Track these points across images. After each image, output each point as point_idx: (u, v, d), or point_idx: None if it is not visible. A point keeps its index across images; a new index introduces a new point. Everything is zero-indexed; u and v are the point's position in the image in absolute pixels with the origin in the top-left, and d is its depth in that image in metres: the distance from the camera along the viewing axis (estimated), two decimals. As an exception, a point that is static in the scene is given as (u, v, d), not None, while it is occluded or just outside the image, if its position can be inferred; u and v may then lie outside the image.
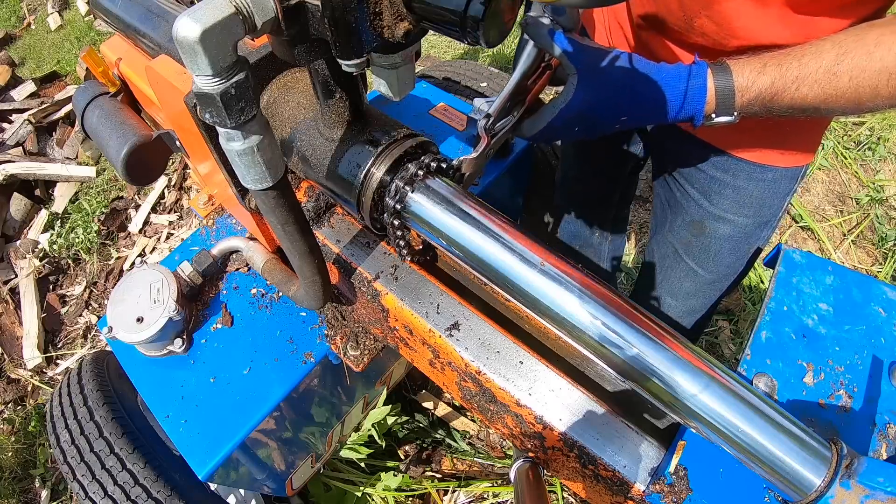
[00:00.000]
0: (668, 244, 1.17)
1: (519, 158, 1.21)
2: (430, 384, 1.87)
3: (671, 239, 1.16)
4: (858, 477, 0.52)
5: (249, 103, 0.49)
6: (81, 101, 1.00)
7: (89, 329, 2.33)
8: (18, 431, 2.05)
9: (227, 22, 0.43)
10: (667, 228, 1.17)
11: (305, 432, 1.19)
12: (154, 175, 0.98)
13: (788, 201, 1.03)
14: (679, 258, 1.15)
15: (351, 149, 0.71)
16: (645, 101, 0.73)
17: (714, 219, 1.05)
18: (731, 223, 1.04)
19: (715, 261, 1.09)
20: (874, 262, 2.23)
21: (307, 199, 0.95)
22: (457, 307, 0.81)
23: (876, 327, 0.78)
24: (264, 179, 0.55)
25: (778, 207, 1.02)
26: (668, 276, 1.20)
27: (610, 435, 0.70)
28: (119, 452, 1.08)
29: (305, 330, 1.00)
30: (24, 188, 2.72)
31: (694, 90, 0.71)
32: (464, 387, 0.83)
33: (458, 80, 1.60)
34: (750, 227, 1.03)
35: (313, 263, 0.70)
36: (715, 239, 1.07)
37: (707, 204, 1.05)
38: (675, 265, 1.17)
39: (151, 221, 2.63)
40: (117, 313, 0.93)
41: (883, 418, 0.70)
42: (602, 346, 0.61)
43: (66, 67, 3.32)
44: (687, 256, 1.13)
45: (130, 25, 0.93)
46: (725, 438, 0.57)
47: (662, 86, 0.72)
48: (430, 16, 0.47)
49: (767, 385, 0.72)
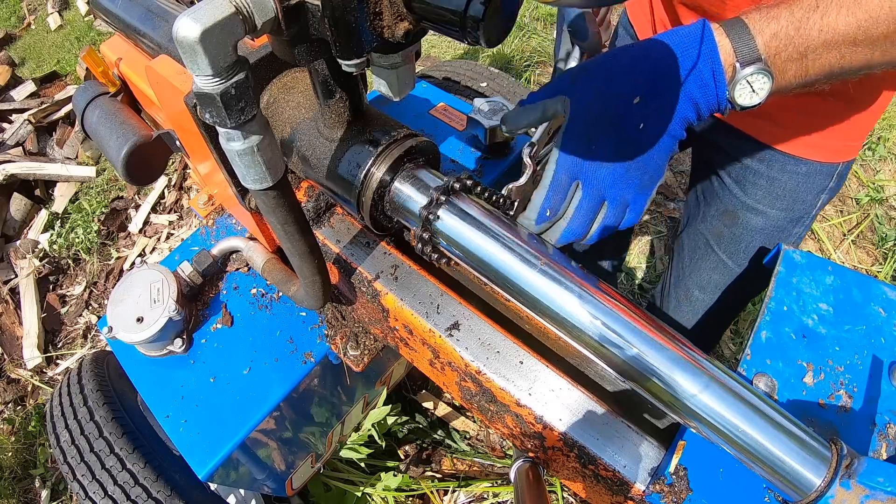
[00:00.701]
0: (700, 235, 1.18)
1: (519, 158, 1.21)
2: (430, 384, 1.87)
3: (703, 229, 1.17)
4: (858, 477, 0.52)
5: (249, 103, 0.49)
6: (81, 101, 1.00)
7: (89, 329, 2.33)
8: (18, 431, 2.05)
9: (227, 22, 0.43)
10: (699, 219, 1.18)
11: (305, 432, 1.19)
12: (154, 175, 0.98)
13: (824, 200, 1.03)
14: (710, 249, 1.16)
15: (351, 149, 0.71)
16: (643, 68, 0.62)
17: (747, 209, 1.06)
18: (763, 215, 1.04)
19: (745, 253, 1.11)
20: (874, 262, 2.23)
21: (307, 199, 0.95)
22: (457, 307, 0.81)
23: (876, 327, 0.78)
24: (264, 179, 0.55)
25: (811, 204, 1.03)
26: (698, 268, 1.21)
27: (610, 435, 0.70)
28: (119, 452, 1.08)
29: (305, 330, 1.00)
30: (24, 188, 2.72)
31: (695, 32, 0.60)
32: (464, 387, 0.83)
33: (458, 80, 1.60)
34: (782, 222, 1.04)
35: (313, 263, 0.70)
36: (747, 230, 1.08)
37: (741, 193, 1.05)
38: (705, 256, 1.18)
39: (151, 221, 2.63)
40: (117, 313, 0.93)
41: (883, 418, 0.70)
42: (602, 346, 0.61)
43: (66, 67, 3.32)
44: (718, 247, 1.14)
45: (130, 25, 0.93)
46: (725, 438, 0.57)
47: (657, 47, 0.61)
48: (430, 16, 0.47)
49: (767, 385, 0.72)
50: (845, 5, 0.57)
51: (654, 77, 0.61)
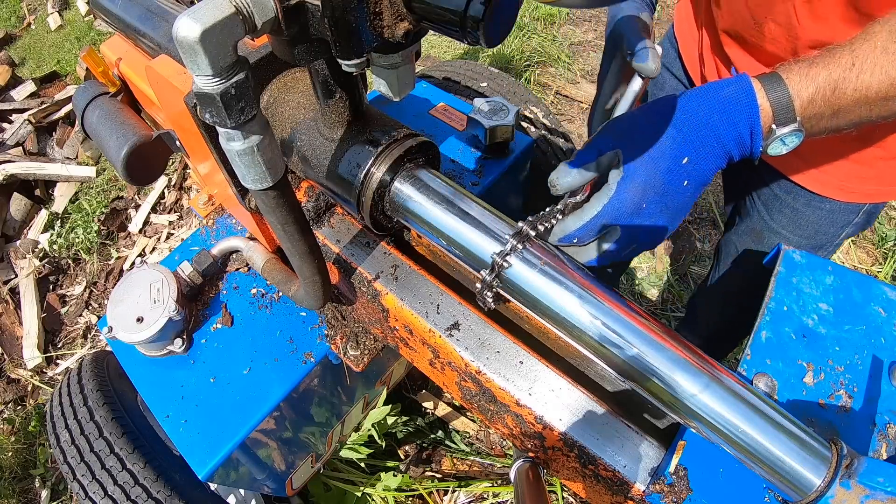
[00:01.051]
0: (732, 244, 1.24)
1: (519, 158, 1.21)
2: (430, 384, 1.87)
3: (735, 240, 1.22)
4: (858, 477, 0.52)
5: (249, 103, 0.49)
6: (81, 101, 1.00)
7: (89, 329, 2.33)
8: (18, 431, 2.05)
9: (227, 22, 0.43)
10: (732, 230, 1.24)
11: (305, 432, 1.19)
12: (154, 175, 0.98)
13: (848, 232, 1.05)
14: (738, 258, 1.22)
15: (351, 149, 0.71)
16: (691, 128, 0.63)
17: (771, 231, 1.10)
18: (786, 239, 1.08)
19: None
20: (874, 262, 2.22)
21: (307, 199, 0.95)
22: (457, 307, 0.81)
23: (876, 327, 0.78)
24: (264, 179, 0.55)
25: (834, 235, 1.05)
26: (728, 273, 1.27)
27: (610, 435, 0.70)
28: (119, 452, 1.08)
29: (305, 330, 1.00)
30: (24, 188, 2.72)
31: (739, 95, 0.62)
32: (464, 387, 0.83)
33: (458, 80, 1.60)
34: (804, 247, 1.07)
35: (313, 263, 0.70)
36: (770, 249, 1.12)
37: (767, 216, 1.09)
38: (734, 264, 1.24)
39: (151, 221, 2.63)
40: (117, 313, 0.93)
41: (883, 418, 0.70)
42: (602, 346, 0.61)
43: (66, 67, 3.32)
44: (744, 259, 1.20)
45: (130, 25, 0.93)
46: (725, 438, 0.57)
47: (702, 108, 0.63)
48: (430, 16, 0.47)
49: (767, 385, 0.72)
50: (880, 64, 0.59)
51: (700, 139, 0.64)
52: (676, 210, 0.66)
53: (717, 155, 0.64)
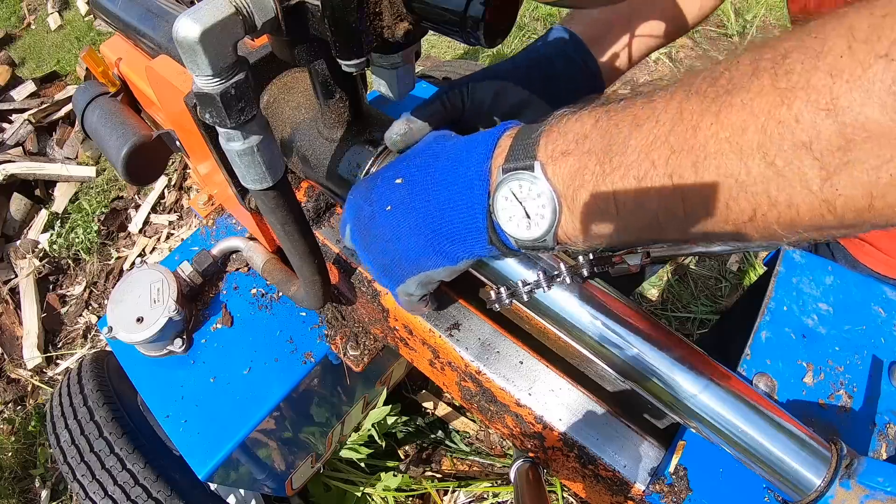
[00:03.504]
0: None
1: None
2: (430, 384, 1.87)
3: None
4: (858, 477, 0.52)
5: (249, 103, 0.49)
6: (81, 101, 1.00)
7: (89, 329, 2.33)
8: (18, 431, 2.05)
9: (227, 22, 0.43)
10: None
11: (305, 432, 1.19)
12: (154, 175, 0.97)
13: None
14: None
15: (351, 149, 0.71)
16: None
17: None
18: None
19: None
20: (874, 262, 2.22)
21: (307, 199, 0.95)
22: (457, 307, 0.81)
23: (876, 327, 0.78)
24: (264, 179, 0.55)
25: None
26: None
27: (610, 435, 0.70)
28: (119, 452, 1.08)
29: (305, 330, 1.00)
30: (24, 188, 2.72)
31: (478, 137, 0.51)
32: (464, 387, 0.83)
33: (458, 80, 1.60)
34: None
35: (313, 264, 0.70)
36: None
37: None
38: None
39: (151, 221, 2.63)
40: (117, 313, 0.93)
41: (883, 418, 0.70)
42: (602, 346, 0.61)
43: (66, 67, 3.32)
44: None
45: (130, 25, 0.93)
46: (725, 438, 0.57)
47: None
48: (430, 16, 0.47)
49: (767, 385, 0.72)
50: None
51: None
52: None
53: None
